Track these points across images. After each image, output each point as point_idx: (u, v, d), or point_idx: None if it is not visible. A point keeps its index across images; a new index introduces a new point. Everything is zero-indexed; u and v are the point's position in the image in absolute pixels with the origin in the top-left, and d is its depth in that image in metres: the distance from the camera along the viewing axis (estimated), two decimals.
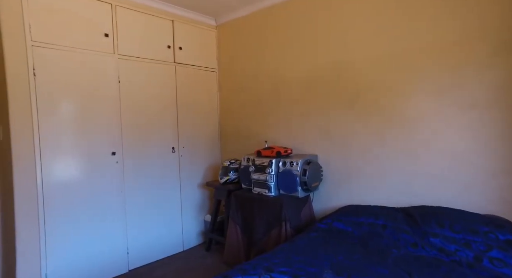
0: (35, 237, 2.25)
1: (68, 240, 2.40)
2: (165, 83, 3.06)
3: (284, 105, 2.97)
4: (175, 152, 3.13)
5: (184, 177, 3.22)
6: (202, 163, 3.41)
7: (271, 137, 3.07)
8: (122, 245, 2.71)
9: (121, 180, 2.71)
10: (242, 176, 2.79)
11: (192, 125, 3.30)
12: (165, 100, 3.06)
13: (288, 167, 2.48)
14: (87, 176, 2.50)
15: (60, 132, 2.37)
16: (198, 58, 3.37)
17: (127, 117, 2.75)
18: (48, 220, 2.30)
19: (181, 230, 3.18)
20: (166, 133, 3.06)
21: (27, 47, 2.22)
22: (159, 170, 3.00)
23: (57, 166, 2.35)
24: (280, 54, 2.98)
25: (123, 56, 2.73)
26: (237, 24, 3.36)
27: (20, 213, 2.20)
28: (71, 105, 2.43)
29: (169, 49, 3.09)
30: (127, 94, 2.75)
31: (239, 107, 3.40)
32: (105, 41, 2.62)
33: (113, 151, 2.65)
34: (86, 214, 2.49)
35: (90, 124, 2.53)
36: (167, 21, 3.07)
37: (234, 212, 2.70)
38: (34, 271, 2.25)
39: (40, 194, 2.27)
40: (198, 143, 3.36)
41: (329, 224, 2.18)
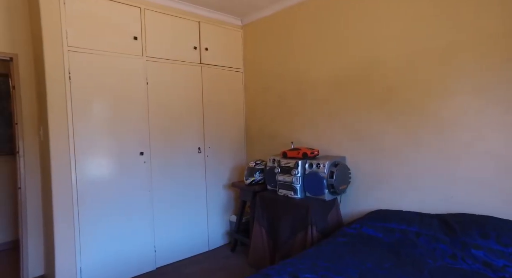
0: (71, 232, 2.36)
1: (99, 236, 2.49)
2: (191, 84, 3.09)
3: (310, 105, 2.89)
4: (201, 152, 3.16)
5: (210, 177, 3.23)
6: (228, 163, 3.41)
7: (297, 138, 3.01)
8: (149, 243, 2.77)
9: (148, 179, 2.77)
10: (268, 177, 2.75)
11: (218, 125, 3.31)
12: (191, 101, 3.09)
13: (314, 169, 2.40)
14: (116, 175, 2.58)
15: (92, 133, 2.46)
16: (224, 59, 3.37)
17: (154, 118, 2.81)
18: (81, 217, 2.40)
19: (206, 229, 3.20)
20: (192, 134, 3.09)
21: (64, 53, 2.33)
22: (185, 170, 3.03)
23: (89, 164, 2.45)
24: (306, 53, 2.91)
25: (151, 58, 2.79)
26: (262, 23, 3.33)
27: (58, 209, 2.31)
28: (102, 107, 2.52)
29: (195, 50, 3.12)
30: (154, 96, 2.81)
31: (264, 108, 3.36)
32: (134, 44, 2.69)
33: (141, 151, 2.71)
34: (116, 212, 2.57)
35: (120, 125, 2.60)
36: (193, 22, 3.10)
37: (259, 214, 2.67)
38: (70, 265, 2.36)
39: (74, 192, 2.37)
40: (224, 143, 3.37)
41: (357, 229, 2.08)
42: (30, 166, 2.67)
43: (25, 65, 2.65)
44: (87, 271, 2.42)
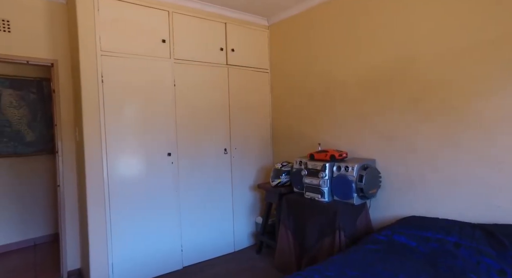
0: (103, 229, 2.45)
1: (129, 233, 2.57)
2: (217, 85, 3.11)
3: (339, 106, 2.80)
4: (227, 153, 3.16)
5: (236, 178, 3.23)
6: (254, 165, 3.39)
7: (325, 139, 2.93)
8: (176, 242, 2.82)
9: (175, 179, 2.81)
10: (294, 179, 2.70)
11: (244, 126, 3.30)
12: (218, 102, 3.11)
13: (343, 172, 2.32)
14: (144, 175, 2.65)
15: (122, 134, 2.54)
16: (250, 59, 3.36)
17: (181, 119, 2.85)
18: (112, 214, 2.49)
19: (232, 230, 3.21)
20: (218, 135, 3.11)
21: (97, 57, 2.43)
22: (212, 171, 3.06)
23: (119, 164, 2.53)
24: (334, 52, 2.81)
25: (178, 60, 2.84)
26: (289, 23, 3.27)
27: (91, 206, 2.41)
28: (132, 108, 2.59)
29: (221, 52, 3.13)
30: (181, 97, 2.85)
31: (291, 109, 3.31)
32: (163, 47, 2.74)
33: (168, 152, 2.77)
34: (144, 211, 2.64)
35: (149, 126, 2.67)
36: (220, 24, 3.11)
37: (285, 216, 2.62)
38: (103, 260, 2.45)
39: (106, 190, 2.46)
40: (250, 144, 3.36)
41: (388, 236, 1.97)
42: (68, 164, 2.82)
43: (64, 70, 2.80)
44: (118, 267, 2.51)
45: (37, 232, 3.70)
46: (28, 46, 2.65)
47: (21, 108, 3.62)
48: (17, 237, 3.58)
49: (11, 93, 3.57)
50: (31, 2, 2.66)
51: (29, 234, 3.65)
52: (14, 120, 3.58)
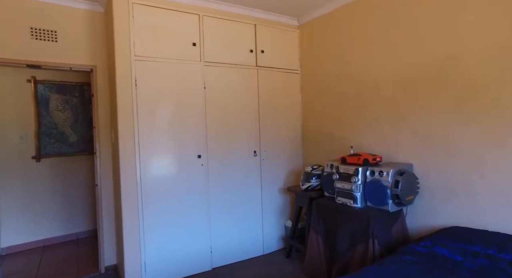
0: (136, 228, 2.53)
1: (160, 233, 2.63)
2: (247, 87, 3.09)
3: (372, 107, 2.66)
4: (257, 155, 3.14)
5: (265, 180, 3.20)
6: (284, 167, 3.34)
7: (358, 142, 2.80)
8: (206, 243, 2.85)
9: (205, 181, 2.84)
10: (325, 183, 2.61)
11: (274, 128, 3.26)
12: (248, 104, 3.09)
13: (377, 177, 2.19)
14: (175, 176, 2.70)
15: (154, 136, 2.61)
16: (280, 61, 3.31)
17: (211, 122, 2.88)
18: (145, 214, 2.56)
19: (261, 233, 3.18)
20: (248, 137, 3.09)
21: (131, 62, 2.52)
22: (241, 173, 3.05)
23: (151, 166, 2.60)
24: (368, 51, 2.68)
25: (209, 63, 2.86)
26: (320, 22, 3.18)
27: (125, 205, 2.50)
28: (164, 111, 2.66)
29: (251, 53, 3.11)
30: (211, 99, 2.88)
31: (322, 110, 3.21)
32: (193, 50, 2.79)
33: (198, 154, 2.80)
34: (175, 212, 2.70)
35: (179, 129, 2.72)
36: (249, 25, 3.10)
37: (315, 221, 2.54)
38: (136, 259, 2.53)
39: (139, 190, 2.54)
40: (280, 146, 3.31)
41: (428, 247, 1.83)
42: (105, 165, 2.96)
43: (102, 75, 2.94)
44: (150, 266, 2.58)
45: (79, 227, 3.94)
46: (71, 54, 2.82)
47: (65, 112, 3.87)
48: (62, 231, 3.84)
49: (58, 97, 3.83)
50: (75, 12, 2.83)
51: (72, 228, 3.90)
52: (60, 123, 3.84)
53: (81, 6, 2.84)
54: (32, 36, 2.69)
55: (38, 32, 2.70)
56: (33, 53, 2.68)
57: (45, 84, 3.75)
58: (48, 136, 3.78)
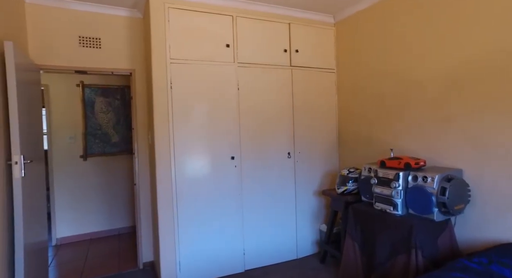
0: (171, 227, 2.60)
1: (194, 234, 2.67)
2: (281, 87, 3.04)
3: (415, 108, 2.47)
4: (291, 157, 3.08)
5: (300, 183, 3.13)
6: (318, 170, 3.23)
7: (398, 145, 2.62)
8: (239, 245, 2.84)
9: (239, 183, 2.84)
10: (362, 188, 2.48)
11: (309, 130, 3.18)
12: (281, 104, 3.04)
13: (420, 183, 2.03)
14: (209, 177, 2.73)
15: (188, 137, 2.66)
16: (315, 60, 3.21)
17: (245, 123, 2.86)
18: (180, 214, 2.62)
19: (295, 237, 3.11)
20: (282, 139, 3.04)
21: (167, 65, 2.58)
22: (275, 175, 3.01)
23: (186, 166, 2.65)
24: (411, 47, 2.49)
25: (242, 64, 2.85)
26: (357, 19, 3.03)
27: (161, 204, 2.57)
28: (198, 112, 2.69)
29: (285, 53, 3.06)
30: (245, 101, 2.87)
31: (359, 110, 3.06)
32: (227, 52, 2.79)
33: (232, 155, 2.80)
34: (208, 212, 2.72)
35: (213, 130, 2.74)
36: (283, 24, 3.04)
37: (352, 227, 2.42)
38: (171, 258, 2.60)
39: (174, 190, 2.61)
40: (315, 148, 3.21)
41: (483, 265, 1.64)
42: (143, 164, 3.07)
43: (140, 79, 3.07)
44: (184, 266, 2.63)
45: (121, 223, 4.15)
46: (112, 59, 2.97)
47: (108, 113, 4.10)
48: (105, 226, 4.07)
49: (102, 100, 4.07)
50: (116, 19, 2.98)
51: (114, 224, 4.12)
52: (104, 124, 4.08)
53: (122, 13, 2.98)
54: (80, 44, 2.87)
55: (85, 40, 2.88)
56: (80, 59, 2.86)
57: (91, 88, 4.00)
58: (94, 136, 4.03)
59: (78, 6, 2.83)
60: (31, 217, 2.25)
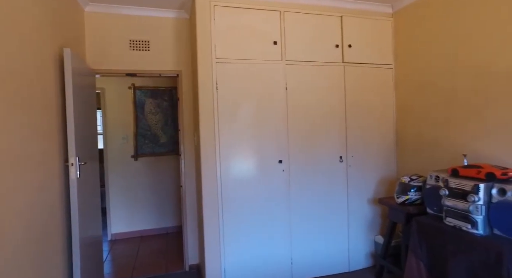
0: (216, 232, 2.53)
1: (239, 240, 2.57)
2: (332, 86, 2.81)
3: (497, 105, 2.09)
4: (343, 161, 2.84)
5: (352, 189, 2.87)
6: (374, 176, 2.94)
7: (473, 149, 2.25)
8: (286, 253, 2.69)
9: (287, 188, 2.68)
10: (429, 199, 2.17)
11: (363, 131, 2.90)
12: (333, 104, 2.81)
13: (509, 198, 1.68)
14: (255, 181, 2.61)
15: (234, 139, 2.56)
16: (369, 55, 2.92)
17: (293, 125, 2.70)
18: (225, 219, 2.54)
19: (347, 247, 2.86)
20: (333, 141, 2.81)
21: (212, 65, 2.51)
22: (325, 180, 2.79)
23: (231, 169, 2.56)
24: (491, 35, 2.11)
25: (290, 62, 2.69)
26: (420, 5, 2.68)
27: (207, 208, 2.51)
28: (244, 114, 2.59)
29: (337, 49, 2.82)
30: (293, 101, 2.70)
31: (422, 110, 2.71)
32: (274, 49, 2.65)
33: (280, 159, 2.65)
34: (254, 218, 2.60)
35: (260, 132, 2.62)
36: (335, 18, 2.81)
37: (416, 244, 2.13)
38: (216, 264, 2.53)
39: (219, 194, 2.53)
40: (369, 152, 2.93)
41: None
42: (189, 166, 3.06)
43: (186, 80, 3.05)
44: (230, 272, 2.54)
45: (169, 222, 4.24)
46: (160, 61, 2.99)
47: (157, 115, 4.20)
48: (154, 225, 4.18)
49: (151, 101, 4.18)
50: (164, 22, 3.00)
51: (163, 223, 4.22)
52: (153, 125, 4.19)
53: (169, 15, 2.99)
54: (130, 47, 2.93)
55: (135, 44, 2.94)
56: (130, 62, 2.93)
57: (141, 90, 4.13)
58: (143, 137, 4.16)
59: (130, 11, 2.90)
60: (86, 214, 2.33)
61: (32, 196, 1.71)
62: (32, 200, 1.71)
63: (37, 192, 1.76)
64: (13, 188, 1.52)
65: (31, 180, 1.71)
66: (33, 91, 1.78)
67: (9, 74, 1.54)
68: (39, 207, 1.78)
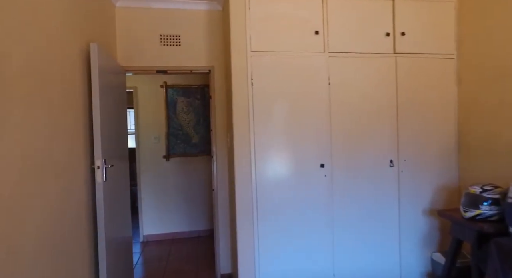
0: (251, 242, 2.30)
1: (276, 250, 2.33)
2: (381, 80, 2.47)
3: None
4: (394, 166, 2.48)
5: (405, 198, 2.51)
6: (430, 183, 2.55)
7: None
8: (328, 267, 2.40)
9: (329, 194, 2.39)
10: (511, 216, 1.77)
11: (417, 132, 2.52)
12: (382, 101, 2.47)
13: None
14: (293, 187, 2.35)
15: (271, 140, 2.32)
16: (426, 44, 2.53)
17: (337, 124, 2.39)
18: (260, 227, 2.31)
19: (398, 264, 2.51)
20: (382, 143, 2.47)
21: (247, 58, 2.28)
22: (373, 187, 2.46)
23: (267, 173, 2.32)
24: None
25: (334, 54, 2.39)
26: None
27: (241, 217, 2.30)
28: (281, 112, 2.33)
29: (387, 38, 2.47)
30: (337, 97, 2.39)
31: (495, 106, 2.28)
32: (315, 40, 2.36)
33: (321, 163, 2.36)
34: (293, 226, 2.35)
35: (299, 133, 2.35)
36: (385, 2, 2.46)
37: (495, 271, 1.74)
38: (250, 275, 2.31)
39: (254, 199, 2.30)
40: (425, 155, 2.54)
41: None
42: (221, 169, 2.86)
43: (219, 76, 2.85)
44: None
45: (201, 225, 4.10)
46: (191, 57, 2.82)
47: (189, 114, 4.07)
48: (186, 227, 4.06)
49: (183, 100, 4.05)
50: (195, 14, 2.82)
51: (194, 226, 4.08)
52: (184, 124, 4.06)
53: (201, 7, 2.81)
54: (161, 42, 2.79)
55: (165, 39, 2.79)
56: (161, 59, 2.78)
57: (173, 88, 4.01)
58: (175, 137, 4.04)
59: (160, 4, 2.76)
60: (114, 218, 2.21)
61: (55, 200, 1.58)
62: (55, 205, 1.58)
63: (60, 196, 1.64)
64: (33, 194, 1.39)
65: (54, 184, 1.58)
66: (57, 89, 1.65)
67: (31, 71, 1.40)
68: (62, 212, 1.65)
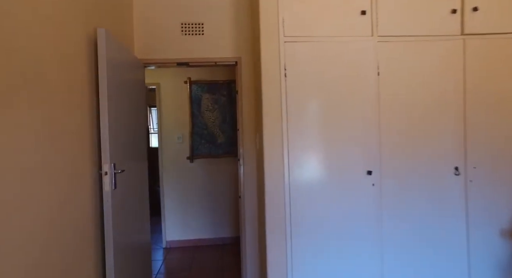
0: (283, 259, 1.95)
1: (314, 269, 1.96)
2: (444, 68, 2.01)
3: None
4: (460, 174, 2.01)
5: (475, 213, 2.03)
6: (509, 196, 2.05)
7: None
8: None
9: (377, 208, 1.97)
10: None
11: (492, 132, 2.03)
12: (444, 94, 2.01)
13: None
14: (334, 196, 1.96)
15: (307, 142, 1.95)
16: (504, 22, 2.03)
17: (387, 123, 1.97)
18: (294, 243, 1.94)
19: None
20: (444, 145, 2.01)
21: (280, 45, 1.93)
22: (430, 199, 2.01)
23: (303, 180, 1.95)
24: None
25: (384, 38, 1.97)
26: None
27: (271, 231, 1.96)
28: (320, 109, 1.95)
29: (453, 15, 2.00)
30: (387, 90, 1.97)
31: None
32: (362, 21, 1.95)
33: (368, 170, 1.95)
34: (332, 246, 1.96)
35: (341, 133, 1.95)
36: None
37: None
38: None
39: (287, 210, 1.95)
40: (503, 161, 2.03)
41: None
42: (249, 173, 2.53)
43: (247, 69, 2.53)
44: None
45: (225, 232, 3.79)
46: (216, 47, 2.52)
47: (215, 111, 3.77)
48: (209, 234, 3.77)
49: (208, 97, 3.77)
50: (221, 0, 2.51)
51: (219, 233, 3.79)
52: (209, 123, 3.78)
53: None
54: (182, 32, 2.51)
55: (187, 27, 2.51)
56: (182, 50, 2.51)
57: (198, 84, 3.74)
58: (200, 136, 3.77)
59: None
60: (127, 226, 1.94)
61: (55, 209, 1.32)
62: (55, 214, 1.32)
63: (61, 205, 1.38)
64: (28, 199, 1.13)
65: (53, 191, 1.32)
66: (61, 85, 1.39)
67: (28, 61, 1.14)
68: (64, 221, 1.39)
